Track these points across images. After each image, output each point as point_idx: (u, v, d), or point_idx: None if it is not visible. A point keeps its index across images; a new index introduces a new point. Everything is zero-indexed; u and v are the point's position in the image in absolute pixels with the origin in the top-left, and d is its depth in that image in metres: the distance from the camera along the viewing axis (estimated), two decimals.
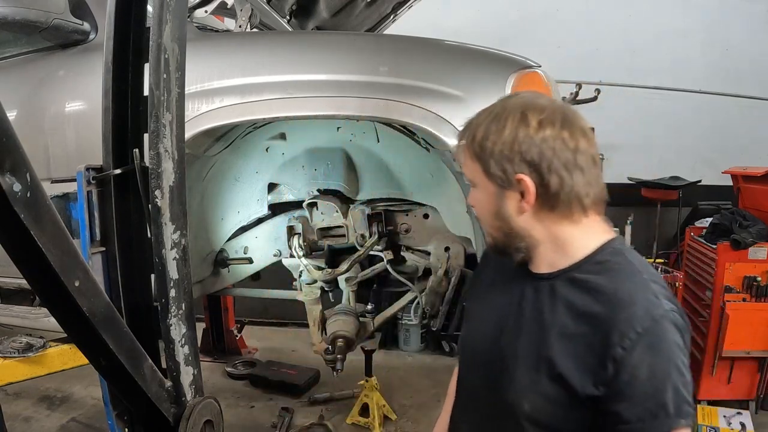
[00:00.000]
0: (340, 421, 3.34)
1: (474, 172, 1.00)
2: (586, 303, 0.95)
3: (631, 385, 0.89)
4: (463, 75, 1.85)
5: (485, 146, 0.96)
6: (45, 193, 0.91)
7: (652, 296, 0.92)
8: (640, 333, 0.89)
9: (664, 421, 0.88)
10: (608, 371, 0.90)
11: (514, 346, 1.01)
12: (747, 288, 3.22)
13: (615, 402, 0.90)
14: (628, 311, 0.90)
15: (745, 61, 5.06)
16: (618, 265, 0.97)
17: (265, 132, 2.20)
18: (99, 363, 1.21)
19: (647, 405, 0.88)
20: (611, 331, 0.90)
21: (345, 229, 2.34)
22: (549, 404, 0.96)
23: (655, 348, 0.89)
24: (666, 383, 0.89)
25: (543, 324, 0.98)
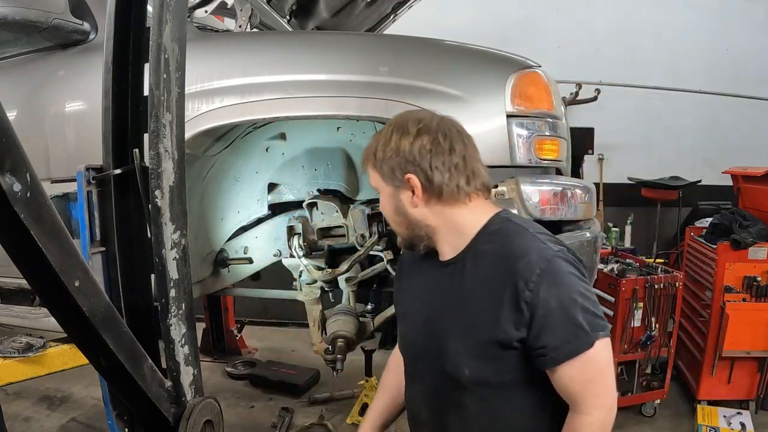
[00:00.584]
0: (340, 421, 3.34)
1: (375, 180, 1.21)
2: (491, 268, 1.13)
3: (547, 317, 1.06)
4: (463, 75, 1.85)
5: (377, 156, 1.17)
6: (45, 193, 0.91)
7: (540, 244, 1.12)
8: (539, 273, 1.07)
9: (585, 338, 1.06)
10: (525, 314, 1.07)
11: (443, 326, 1.19)
12: (747, 288, 3.22)
13: (540, 337, 1.07)
14: (524, 260, 1.09)
15: (745, 61, 5.06)
16: (507, 229, 1.17)
17: (265, 132, 2.20)
18: (99, 363, 1.21)
19: (566, 329, 1.06)
20: (516, 280, 1.07)
21: (345, 229, 2.33)
22: (486, 362, 1.13)
23: (555, 281, 1.07)
24: (575, 307, 1.07)
25: (463, 298, 1.16)
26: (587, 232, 1.92)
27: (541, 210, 1.80)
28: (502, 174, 1.81)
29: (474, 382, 1.15)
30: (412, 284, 1.33)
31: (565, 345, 1.06)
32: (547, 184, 1.84)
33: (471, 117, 1.79)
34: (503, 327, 1.09)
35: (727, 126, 5.12)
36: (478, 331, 1.12)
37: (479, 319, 1.12)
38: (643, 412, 3.38)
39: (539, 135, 1.84)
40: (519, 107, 1.81)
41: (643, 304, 3.16)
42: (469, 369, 1.15)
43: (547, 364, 1.09)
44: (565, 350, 1.06)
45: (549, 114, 1.88)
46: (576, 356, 1.06)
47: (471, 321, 1.14)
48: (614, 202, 5.06)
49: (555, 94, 1.92)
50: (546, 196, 1.81)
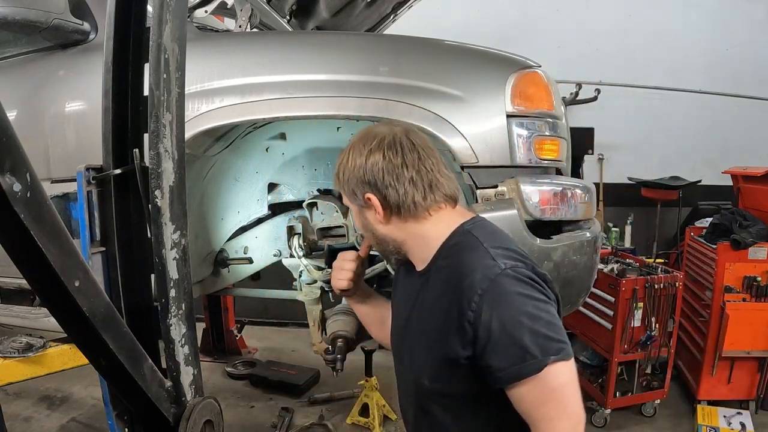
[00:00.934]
0: (340, 421, 3.34)
1: (345, 199, 1.24)
2: (442, 285, 1.13)
3: (490, 339, 1.03)
4: (463, 75, 1.85)
5: (340, 178, 1.21)
6: (45, 193, 0.91)
7: (489, 260, 1.08)
8: (480, 294, 1.04)
9: (533, 363, 1.01)
10: (468, 333, 1.05)
11: (412, 335, 1.22)
12: (747, 288, 3.22)
13: (483, 357, 1.05)
14: (468, 279, 1.07)
15: (745, 61, 5.06)
16: (462, 244, 1.15)
17: (265, 132, 2.20)
18: (99, 363, 1.20)
19: (511, 351, 1.02)
20: (461, 299, 1.06)
21: (345, 229, 2.33)
22: (440, 375, 1.14)
23: (497, 302, 1.03)
24: (519, 329, 1.02)
25: (424, 311, 1.18)
26: (587, 232, 1.92)
27: (541, 210, 1.80)
28: (502, 174, 1.81)
29: (434, 392, 1.18)
30: (401, 290, 1.35)
31: (510, 368, 1.02)
32: (547, 184, 1.83)
33: (471, 117, 1.79)
34: (450, 344, 1.08)
35: (727, 126, 5.12)
36: (432, 346, 1.14)
37: (432, 334, 1.14)
38: (643, 412, 3.38)
39: (539, 135, 1.84)
40: (519, 107, 1.81)
41: (643, 304, 3.16)
42: (427, 380, 1.17)
43: (497, 383, 1.06)
44: (510, 373, 1.02)
45: (549, 114, 1.88)
46: (523, 379, 1.02)
47: (427, 335, 1.16)
48: (614, 202, 5.06)
49: (555, 94, 1.91)
50: (546, 196, 1.81)
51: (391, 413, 3.31)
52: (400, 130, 1.19)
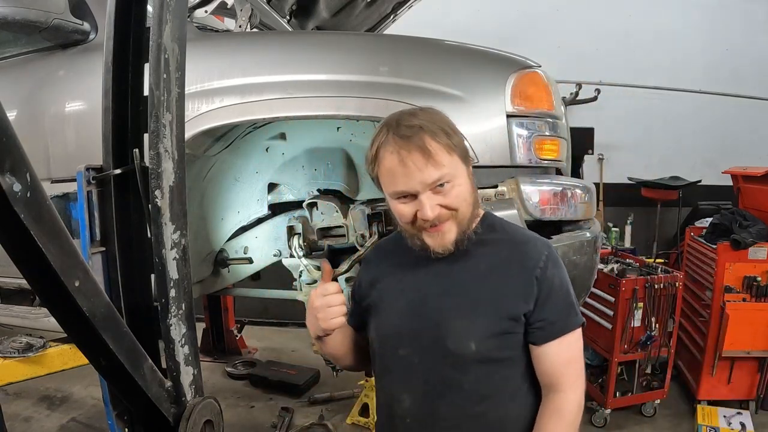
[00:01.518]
0: (340, 421, 3.34)
1: (455, 165, 1.16)
2: (496, 252, 1.23)
3: (551, 294, 1.18)
4: (463, 75, 1.85)
5: (454, 141, 1.16)
6: (45, 193, 0.91)
7: (536, 235, 1.30)
8: (547, 255, 1.21)
9: (575, 319, 1.22)
10: (534, 288, 1.18)
11: (443, 306, 1.21)
12: (747, 288, 3.22)
13: (542, 310, 1.18)
14: (531, 244, 1.24)
15: (745, 61, 5.06)
16: (503, 224, 1.30)
17: (265, 132, 2.20)
18: (99, 363, 1.20)
19: (563, 305, 1.20)
20: (525, 260, 1.20)
21: (345, 229, 2.33)
22: (492, 336, 1.18)
23: (557, 265, 1.22)
24: (569, 290, 1.23)
25: (465, 280, 1.21)
26: (587, 232, 1.92)
27: (541, 210, 1.80)
28: (502, 174, 1.81)
29: (477, 358, 1.19)
30: (391, 272, 1.31)
31: (560, 320, 1.19)
32: (547, 184, 1.84)
33: (471, 117, 1.79)
34: (514, 301, 1.18)
35: (727, 126, 5.12)
36: (488, 307, 1.19)
37: (489, 296, 1.19)
38: (643, 412, 3.38)
39: (539, 135, 1.84)
40: (519, 107, 1.81)
41: (643, 304, 3.16)
42: (476, 343, 1.18)
43: (540, 339, 1.19)
44: (560, 325, 1.19)
45: (549, 114, 1.88)
46: (566, 334, 1.19)
47: (479, 299, 1.20)
48: (614, 202, 5.06)
49: (555, 94, 1.92)
50: (546, 196, 1.81)
51: None
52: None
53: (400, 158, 1.12)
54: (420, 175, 1.11)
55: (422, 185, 1.12)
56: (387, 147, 1.15)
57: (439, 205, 1.14)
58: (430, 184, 1.12)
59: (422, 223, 1.16)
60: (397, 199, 1.18)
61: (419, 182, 1.12)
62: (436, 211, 1.14)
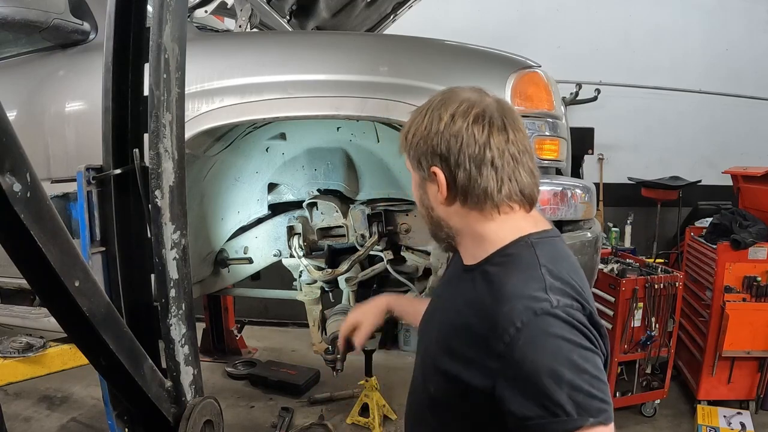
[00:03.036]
0: (340, 421, 3.34)
1: (408, 164, 1.05)
2: (483, 296, 0.94)
3: (519, 382, 0.85)
4: (463, 75, 1.85)
5: (408, 139, 1.01)
6: (45, 193, 0.91)
7: (541, 291, 0.89)
8: (519, 328, 0.86)
9: (566, 421, 0.81)
10: (493, 366, 0.88)
11: (430, 333, 1.08)
12: (747, 288, 3.22)
13: (507, 400, 0.86)
14: (508, 305, 0.88)
15: (745, 61, 5.06)
16: (519, 257, 0.96)
17: (265, 132, 2.20)
18: (99, 363, 1.20)
19: (542, 402, 0.82)
20: (495, 324, 0.88)
21: (345, 229, 2.33)
22: (448, 388, 0.98)
23: (535, 343, 0.85)
24: (556, 380, 0.82)
25: (451, 313, 1.03)
26: (587, 232, 1.92)
27: (541, 210, 1.80)
28: None
29: (434, 401, 1.04)
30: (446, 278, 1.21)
31: (539, 419, 0.83)
32: (547, 184, 1.83)
33: None
34: (472, 368, 0.92)
35: (727, 126, 5.12)
36: (447, 358, 0.98)
37: (453, 345, 0.97)
38: (643, 412, 3.38)
39: (539, 135, 1.84)
40: (519, 107, 1.81)
41: (643, 304, 3.16)
42: (434, 386, 1.03)
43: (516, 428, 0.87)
44: (539, 424, 0.83)
45: (549, 114, 1.88)
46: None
47: (447, 343, 0.99)
48: (614, 202, 5.06)
49: (555, 94, 1.92)
50: (546, 196, 1.81)
51: (391, 413, 3.31)
52: (492, 101, 0.99)
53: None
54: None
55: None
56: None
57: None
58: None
59: None
60: None
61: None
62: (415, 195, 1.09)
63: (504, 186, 0.96)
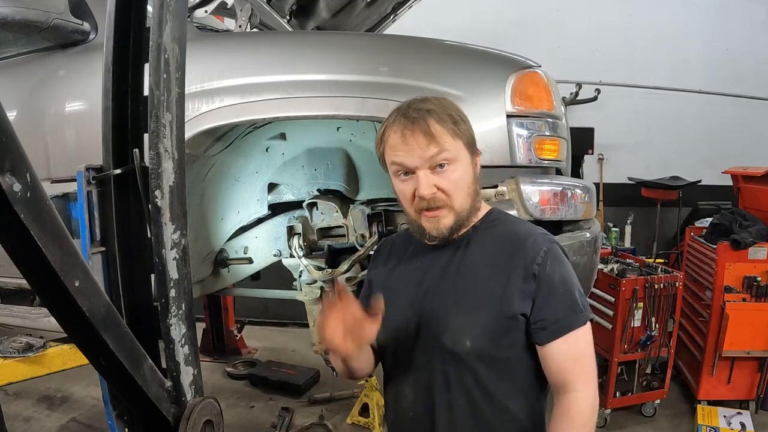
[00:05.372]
0: (340, 421, 3.34)
1: (457, 149, 1.17)
2: (496, 246, 1.21)
3: (551, 291, 1.15)
4: (463, 75, 1.86)
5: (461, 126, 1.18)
6: (45, 193, 0.91)
7: (540, 230, 1.24)
8: (546, 251, 1.17)
9: (580, 315, 1.17)
10: (531, 285, 1.15)
11: (442, 300, 1.21)
12: (747, 288, 3.22)
13: (542, 309, 1.15)
14: (531, 239, 1.19)
15: (745, 62, 5.06)
16: (507, 218, 1.30)
17: (265, 132, 2.20)
18: (99, 363, 1.20)
19: (566, 303, 1.15)
20: (524, 255, 1.16)
21: (345, 229, 2.33)
22: (488, 334, 1.17)
23: (558, 260, 1.18)
24: (573, 285, 1.18)
25: (467, 275, 1.20)
26: (587, 232, 1.92)
27: (541, 210, 1.80)
28: (502, 174, 1.81)
29: (473, 354, 1.17)
30: (400, 267, 1.32)
31: (563, 319, 1.14)
32: (547, 184, 1.84)
33: (471, 117, 1.76)
34: (510, 299, 1.15)
35: (727, 126, 5.12)
36: (485, 305, 1.16)
37: (486, 293, 1.17)
38: (643, 412, 3.38)
39: (539, 135, 1.84)
40: (519, 107, 1.81)
41: (643, 304, 3.16)
42: (471, 340, 1.17)
43: (544, 339, 1.15)
44: (564, 323, 1.14)
45: (549, 114, 1.88)
46: (570, 331, 1.14)
47: (477, 295, 1.18)
48: (614, 202, 5.06)
49: (555, 94, 1.92)
50: (546, 196, 1.81)
51: None
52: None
53: (404, 137, 1.16)
54: (420, 151, 1.14)
55: (421, 160, 1.15)
56: (393, 127, 1.19)
57: (435, 186, 1.16)
58: (428, 159, 1.14)
59: (419, 203, 1.17)
60: (397, 176, 1.20)
61: (418, 157, 1.15)
62: (432, 190, 1.15)
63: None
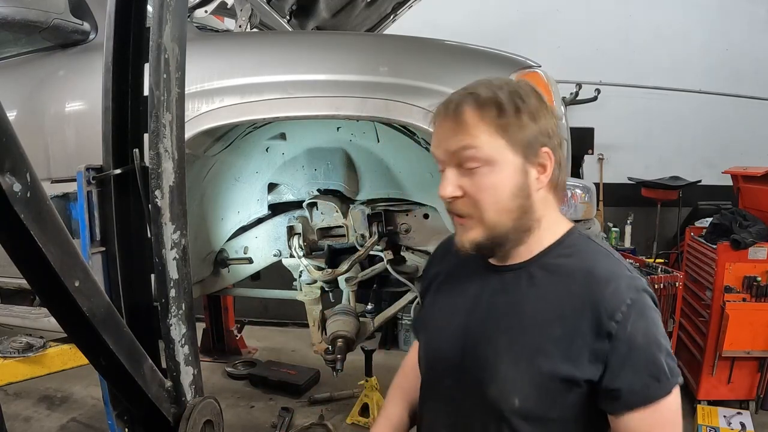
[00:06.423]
0: (340, 421, 3.34)
1: (496, 149, 0.94)
2: (567, 286, 0.96)
3: (631, 356, 0.90)
4: (463, 75, 1.85)
5: (516, 119, 0.94)
6: (45, 193, 0.91)
7: (628, 272, 0.97)
8: (629, 304, 0.91)
9: (666, 384, 0.91)
10: (605, 346, 0.91)
11: (494, 344, 1.00)
12: (747, 288, 3.22)
13: (616, 377, 0.91)
14: (612, 285, 0.93)
15: (745, 61, 5.06)
16: (587, 247, 1.01)
17: (265, 132, 2.20)
18: (99, 363, 1.20)
19: (648, 370, 0.91)
20: (599, 307, 0.92)
21: (345, 229, 2.33)
22: (542, 394, 0.95)
23: (644, 315, 0.92)
24: (660, 347, 0.92)
25: (523, 314, 0.98)
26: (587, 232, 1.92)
27: None
28: None
29: (519, 414, 0.97)
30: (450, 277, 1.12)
31: (644, 389, 0.91)
32: None
33: None
34: (575, 358, 0.92)
35: (727, 126, 5.12)
36: (543, 357, 0.94)
37: (547, 343, 0.94)
38: None
39: None
40: None
41: None
42: (520, 399, 0.96)
43: (618, 409, 0.93)
44: (642, 395, 0.91)
45: None
46: (652, 403, 0.91)
47: (535, 343, 0.96)
48: (614, 202, 5.06)
49: (555, 94, 1.91)
50: None
51: None
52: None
53: (436, 122, 0.99)
54: (445, 142, 0.96)
55: (446, 153, 0.96)
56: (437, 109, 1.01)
57: (461, 188, 0.96)
58: (453, 153, 0.95)
59: (447, 205, 0.99)
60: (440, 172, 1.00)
61: (444, 149, 0.96)
62: (451, 192, 0.96)
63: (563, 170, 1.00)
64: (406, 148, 2.11)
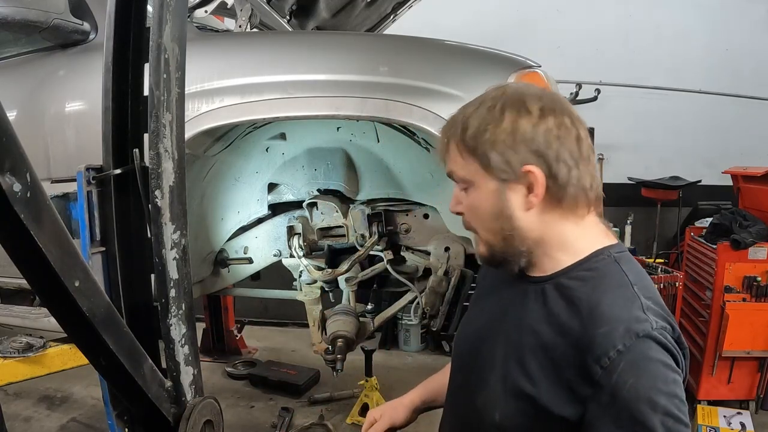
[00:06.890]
0: (340, 421, 3.34)
1: (469, 171, 0.93)
2: (565, 314, 0.88)
3: (612, 408, 0.81)
4: (463, 75, 1.85)
5: (483, 139, 0.90)
6: (45, 193, 0.91)
7: (639, 311, 0.85)
8: (620, 351, 0.81)
9: None
10: (585, 391, 0.83)
11: (493, 352, 0.97)
12: (747, 288, 3.22)
13: (597, 426, 0.82)
14: (607, 327, 0.83)
15: (745, 62, 5.06)
16: (606, 273, 0.91)
17: (265, 132, 2.20)
18: (99, 363, 1.20)
19: (634, 429, 0.80)
20: (588, 347, 0.83)
21: (345, 229, 2.33)
22: (521, 417, 0.90)
23: (637, 367, 0.81)
24: (653, 406, 0.80)
25: (521, 331, 0.93)
26: None
27: None
28: None
29: (500, 430, 0.94)
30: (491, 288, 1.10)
31: None
32: None
33: None
34: (554, 393, 0.86)
35: (727, 126, 5.11)
36: (525, 382, 0.90)
37: (537, 368, 0.89)
38: None
39: None
40: None
41: None
42: (500, 415, 0.93)
43: None
44: None
45: None
46: None
47: (523, 365, 0.91)
48: (614, 202, 5.06)
49: None
50: None
51: None
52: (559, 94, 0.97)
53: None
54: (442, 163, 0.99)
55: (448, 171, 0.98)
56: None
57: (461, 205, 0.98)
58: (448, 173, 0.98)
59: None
60: None
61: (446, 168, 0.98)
62: (454, 208, 0.99)
63: (594, 182, 0.92)
64: (406, 148, 2.11)
